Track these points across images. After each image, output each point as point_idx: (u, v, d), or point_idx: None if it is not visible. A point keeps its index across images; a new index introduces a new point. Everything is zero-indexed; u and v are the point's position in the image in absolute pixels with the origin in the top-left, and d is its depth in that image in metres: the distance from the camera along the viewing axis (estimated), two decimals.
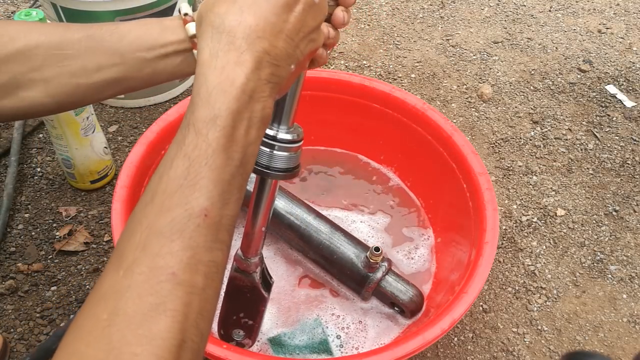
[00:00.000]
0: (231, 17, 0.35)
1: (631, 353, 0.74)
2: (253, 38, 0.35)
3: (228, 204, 0.34)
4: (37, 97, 0.41)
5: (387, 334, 0.71)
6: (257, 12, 0.35)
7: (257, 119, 0.35)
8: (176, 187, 0.32)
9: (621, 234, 0.87)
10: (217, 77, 0.34)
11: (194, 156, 0.33)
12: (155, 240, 0.31)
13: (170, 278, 0.30)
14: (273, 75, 0.36)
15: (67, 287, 0.75)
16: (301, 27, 0.37)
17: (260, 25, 0.35)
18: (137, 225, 0.32)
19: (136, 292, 0.30)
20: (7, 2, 1.24)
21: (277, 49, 0.36)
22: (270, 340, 0.69)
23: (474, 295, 0.60)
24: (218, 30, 0.35)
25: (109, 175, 0.88)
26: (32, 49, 0.40)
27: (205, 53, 0.35)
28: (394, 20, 1.27)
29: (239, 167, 0.35)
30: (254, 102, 0.35)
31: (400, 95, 0.81)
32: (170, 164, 0.33)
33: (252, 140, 0.35)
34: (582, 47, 1.23)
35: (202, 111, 0.34)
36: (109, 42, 0.41)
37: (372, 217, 0.84)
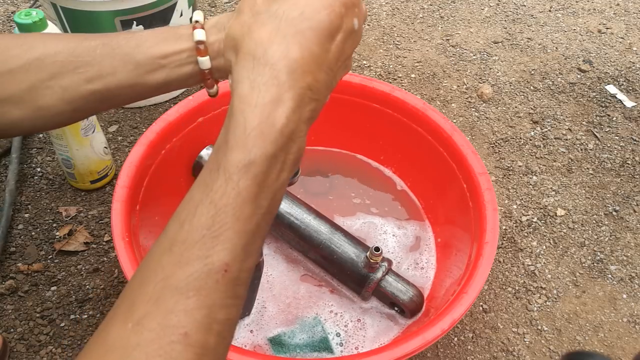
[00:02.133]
0: (275, 48, 0.32)
1: (631, 353, 0.74)
2: (299, 73, 0.32)
3: (249, 257, 0.32)
4: (55, 106, 0.40)
5: (387, 334, 0.71)
6: (302, 43, 0.32)
7: (291, 161, 0.33)
8: (198, 238, 0.30)
9: (621, 234, 0.87)
10: (257, 117, 0.31)
11: (221, 205, 0.30)
12: (170, 295, 0.29)
13: (181, 339, 0.28)
14: (314, 111, 0.34)
15: (67, 287, 0.76)
16: (340, 56, 0.35)
17: (305, 58, 0.32)
18: (152, 275, 0.30)
19: (144, 351, 0.28)
20: (7, 2, 1.24)
21: (319, 83, 0.33)
22: (270, 340, 0.69)
23: (474, 295, 0.60)
24: (260, 61, 0.32)
25: (109, 175, 0.88)
26: (50, 57, 0.39)
27: (245, 86, 0.32)
28: (394, 20, 1.27)
29: (265, 215, 0.32)
30: (291, 143, 0.32)
31: (400, 95, 0.81)
32: (194, 210, 0.31)
33: (282, 184, 0.33)
34: (582, 47, 1.23)
35: (236, 154, 0.31)
36: (124, 49, 0.40)
37: (372, 217, 0.84)
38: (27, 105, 0.40)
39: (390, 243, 0.81)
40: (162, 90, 0.43)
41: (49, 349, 0.69)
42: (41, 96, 0.40)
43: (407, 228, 0.83)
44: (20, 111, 0.40)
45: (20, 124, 0.41)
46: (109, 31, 0.86)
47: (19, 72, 0.39)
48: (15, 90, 0.39)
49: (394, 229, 0.82)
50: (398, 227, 0.82)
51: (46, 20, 0.70)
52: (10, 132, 0.42)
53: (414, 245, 0.81)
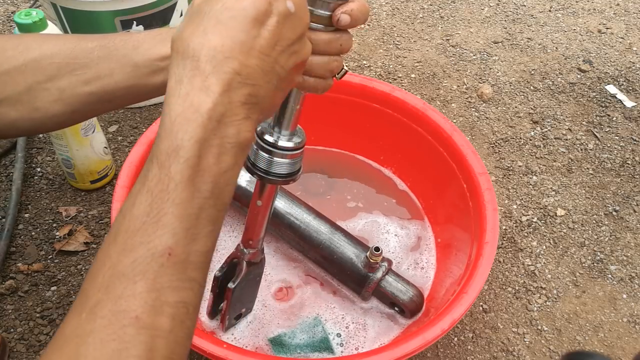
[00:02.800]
0: (195, 40, 0.33)
1: (631, 353, 0.74)
2: (219, 59, 0.32)
3: (197, 240, 0.32)
4: (52, 107, 0.40)
5: (387, 334, 0.71)
6: (222, 32, 0.32)
7: (231, 145, 0.33)
8: (139, 225, 0.31)
9: (621, 234, 0.87)
10: (180, 106, 0.32)
11: (157, 191, 0.31)
12: (118, 282, 0.30)
13: (133, 322, 0.29)
14: (250, 95, 0.33)
15: (67, 287, 0.76)
16: (277, 41, 0.34)
17: (226, 45, 0.32)
18: (101, 266, 0.31)
19: (98, 337, 0.29)
20: (7, 2, 1.24)
21: (250, 68, 0.33)
22: (270, 341, 0.69)
23: (474, 295, 0.60)
24: (183, 55, 0.33)
25: (109, 175, 0.88)
26: (47, 59, 0.39)
27: (172, 81, 0.33)
28: (394, 20, 1.27)
29: (208, 199, 0.32)
30: (224, 127, 0.32)
31: (400, 95, 0.81)
32: (133, 200, 0.32)
33: (227, 168, 0.33)
34: (582, 47, 1.23)
35: (164, 143, 0.32)
36: (122, 51, 0.41)
37: (375, 216, 0.84)
38: (24, 106, 0.40)
39: (392, 243, 0.81)
40: (162, 91, 0.42)
41: None
42: (38, 98, 0.40)
43: (409, 228, 0.82)
44: (17, 112, 0.40)
45: (17, 125, 0.41)
46: (109, 31, 0.86)
47: (16, 73, 0.39)
48: (12, 92, 0.39)
49: (397, 228, 0.82)
50: (401, 227, 0.82)
51: (46, 20, 0.70)
52: (8, 133, 0.42)
53: (415, 245, 0.81)
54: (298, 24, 0.36)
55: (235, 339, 0.69)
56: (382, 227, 0.82)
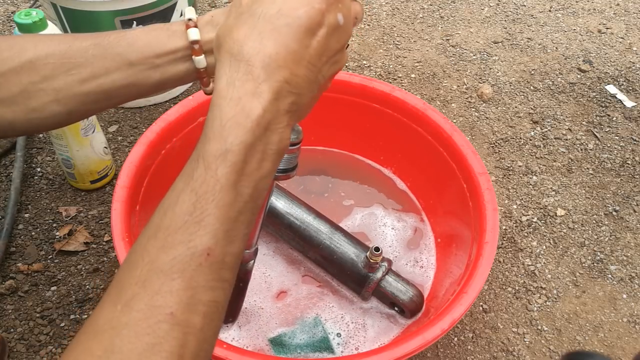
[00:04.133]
0: (250, 44, 0.33)
1: (631, 353, 0.74)
2: (273, 67, 0.33)
3: (233, 242, 0.33)
4: (49, 107, 0.40)
5: (387, 334, 0.71)
6: (277, 39, 0.33)
7: (273, 151, 0.34)
8: (181, 224, 0.31)
9: (621, 234, 0.87)
10: (232, 109, 0.32)
11: (202, 192, 0.32)
12: (156, 277, 0.31)
13: (168, 318, 0.30)
14: (294, 104, 0.34)
15: (67, 287, 0.76)
16: (324, 52, 0.35)
17: (280, 53, 0.33)
18: (139, 260, 0.32)
19: (133, 330, 0.29)
20: (7, 2, 1.24)
21: (299, 77, 0.34)
22: (270, 341, 0.69)
23: (474, 295, 0.60)
24: (236, 58, 0.33)
25: (109, 175, 0.88)
26: (42, 59, 0.40)
27: (222, 82, 0.33)
28: (394, 20, 1.27)
29: (247, 203, 0.33)
30: (270, 133, 0.33)
31: (400, 95, 0.81)
32: (176, 198, 0.32)
33: (265, 174, 0.34)
34: (582, 47, 1.23)
35: (213, 145, 0.32)
36: (117, 49, 0.41)
37: (373, 209, 0.84)
38: (19, 107, 0.40)
39: (389, 236, 0.81)
40: (158, 89, 0.43)
41: (49, 349, 0.69)
42: (34, 98, 0.40)
43: (406, 221, 0.83)
44: (13, 114, 0.40)
45: (14, 126, 0.41)
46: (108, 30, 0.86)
47: (11, 74, 0.39)
48: (7, 93, 0.39)
49: (394, 221, 0.82)
50: (397, 220, 0.82)
51: (46, 20, 0.70)
52: (5, 134, 0.42)
53: (413, 239, 0.81)
54: (344, 36, 0.37)
55: (235, 339, 0.69)
56: (381, 219, 0.82)
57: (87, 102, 0.41)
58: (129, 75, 0.41)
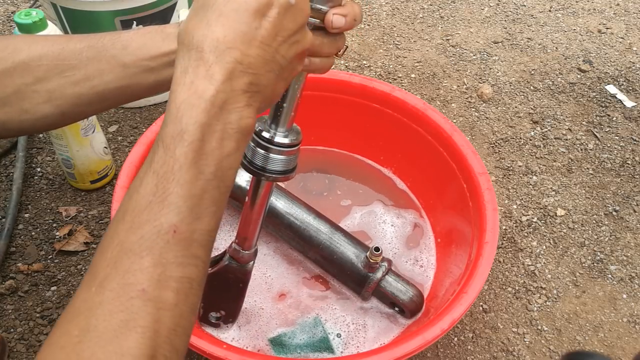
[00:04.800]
0: (199, 32, 0.34)
1: (631, 353, 0.74)
2: (222, 49, 0.34)
3: (201, 219, 0.34)
4: (42, 109, 0.41)
5: (387, 334, 0.71)
6: (225, 23, 0.34)
7: (234, 130, 0.34)
8: (145, 204, 0.32)
9: (621, 234, 0.87)
10: (185, 92, 0.34)
11: (162, 172, 0.33)
12: (126, 257, 0.31)
13: (140, 294, 0.31)
14: (251, 84, 0.35)
15: (67, 287, 0.76)
16: (278, 32, 0.36)
17: (229, 36, 0.34)
18: (109, 243, 0.32)
19: (107, 308, 0.30)
20: (7, 2, 1.24)
21: (251, 57, 0.35)
22: (270, 341, 0.69)
23: (474, 295, 0.60)
24: (188, 47, 0.34)
25: (109, 175, 0.88)
26: (35, 60, 0.40)
27: (177, 71, 0.35)
28: (394, 20, 1.27)
29: (211, 181, 0.34)
30: (226, 113, 0.34)
31: (400, 95, 0.81)
32: (140, 181, 0.33)
33: (229, 152, 0.35)
34: (582, 47, 1.23)
35: (170, 127, 0.33)
36: (111, 52, 0.41)
37: (372, 206, 0.84)
38: (12, 108, 0.40)
39: (388, 233, 0.81)
40: (153, 91, 0.43)
41: None
42: (27, 100, 0.40)
43: (405, 217, 0.83)
44: (6, 115, 0.40)
45: (6, 126, 0.41)
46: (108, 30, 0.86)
47: (4, 76, 0.39)
48: (1, 94, 0.39)
49: (393, 218, 0.82)
50: (397, 216, 0.82)
51: (46, 20, 0.70)
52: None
53: (412, 236, 0.81)
54: (299, 15, 0.37)
55: (235, 340, 0.69)
56: (378, 217, 0.82)
57: (81, 104, 0.42)
58: (123, 78, 0.41)
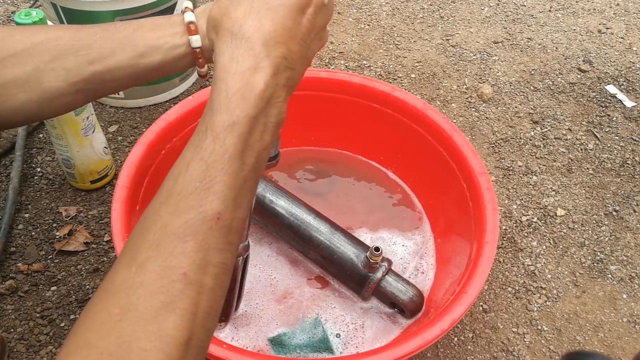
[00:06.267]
0: (249, 23, 0.36)
1: (631, 353, 0.74)
2: (272, 44, 0.35)
3: (240, 208, 0.35)
4: (59, 86, 0.42)
5: (387, 334, 0.71)
6: (274, 18, 0.36)
7: (272, 124, 0.36)
8: (192, 190, 0.33)
9: (621, 234, 0.87)
10: (237, 83, 0.35)
11: (211, 161, 0.34)
12: (169, 240, 0.32)
13: (181, 278, 0.31)
14: (289, 79, 0.37)
15: (67, 287, 0.76)
16: (312, 29, 0.38)
17: (278, 30, 0.36)
18: (152, 224, 0.33)
19: (148, 289, 0.31)
20: (7, 2, 1.24)
21: (293, 53, 0.37)
22: (270, 341, 0.69)
23: (474, 295, 0.60)
24: (237, 36, 0.36)
25: (109, 175, 0.88)
26: (52, 41, 0.42)
27: (225, 58, 0.36)
28: (394, 20, 1.27)
29: (251, 172, 0.35)
30: (270, 107, 0.36)
31: (400, 95, 0.81)
32: (186, 166, 0.34)
33: (266, 145, 0.36)
34: (582, 47, 1.23)
35: (221, 116, 0.34)
36: (123, 33, 0.43)
37: (380, 233, 0.84)
38: (32, 87, 0.41)
39: (399, 253, 0.80)
40: (158, 72, 0.45)
41: (49, 349, 0.69)
42: (45, 78, 0.42)
43: (415, 238, 0.82)
44: (26, 94, 0.41)
45: (25, 108, 0.42)
46: None
47: (23, 55, 0.41)
48: (20, 73, 0.41)
49: (403, 240, 0.81)
50: (407, 238, 0.81)
51: (46, 20, 0.70)
52: (16, 118, 0.43)
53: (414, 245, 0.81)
54: (328, 14, 0.40)
55: (234, 339, 0.69)
56: (390, 239, 0.81)
57: (94, 82, 0.43)
58: (133, 57, 0.43)
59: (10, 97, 0.41)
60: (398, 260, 0.79)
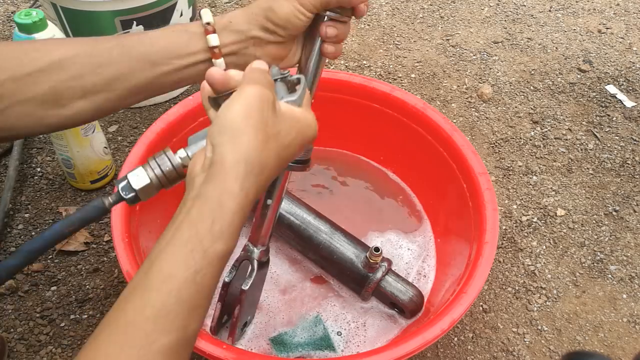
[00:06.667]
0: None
1: (631, 353, 0.74)
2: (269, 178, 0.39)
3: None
4: (77, 104, 0.42)
5: (387, 334, 0.71)
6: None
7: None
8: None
9: (621, 234, 0.87)
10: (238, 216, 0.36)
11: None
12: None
13: None
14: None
15: (67, 287, 0.75)
16: (293, 155, 0.42)
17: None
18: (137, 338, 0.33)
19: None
20: (7, 2, 1.24)
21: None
22: (272, 340, 0.69)
23: (474, 295, 0.60)
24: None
25: (109, 175, 0.88)
26: (69, 59, 0.41)
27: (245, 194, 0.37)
28: (394, 20, 1.27)
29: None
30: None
31: (400, 95, 0.81)
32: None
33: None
34: (582, 47, 1.23)
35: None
36: (139, 49, 0.43)
37: (372, 217, 0.84)
38: (50, 105, 0.41)
39: (405, 257, 0.80)
40: (176, 86, 0.45)
41: (49, 349, 0.69)
42: (64, 96, 0.41)
43: (417, 240, 0.81)
44: (44, 111, 0.41)
45: (44, 122, 0.42)
46: (109, 31, 0.86)
47: (40, 74, 0.40)
48: (38, 91, 0.41)
49: (409, 243, 0.81)
50: (411, 241, 0.81)
51: (46, 20, 0.70)
52: (37, 130, 0.43)
53: (414, 245, 0.81)
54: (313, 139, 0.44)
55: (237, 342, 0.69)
56: (397, 242, 0.81)
57: (114, 99, 0.43)
58: (152, 74, 0.43)
59: (29, 113, 0.41)
60: (404, 264, 0.78)
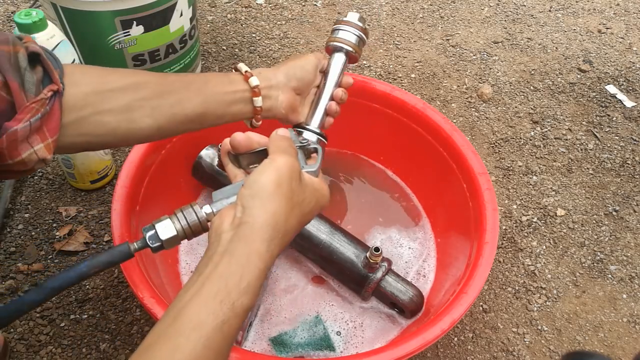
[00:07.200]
0: (293, 226, 0.45)
1: (631, 353, 0.74)
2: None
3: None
4: (144, 121, 0.50)
5: (387, 334, 0.71)
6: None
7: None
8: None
9: (621, 234, 0.87)
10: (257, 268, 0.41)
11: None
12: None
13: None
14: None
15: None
16: (309, 220, 0.48)
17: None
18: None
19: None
20: (7, 2, 1.24)
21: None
22: (272, 340, 0.69)
23: (474, 295, 0.60)
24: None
25: (109, 175, 0.88)
26: (143, 84, 0.50)
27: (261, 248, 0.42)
28: (394, 20, 1.27)
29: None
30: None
31: (400, 95, 0.81)
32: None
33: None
34: (582, 47, 1.23)
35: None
36: (196, 85, 0.53)
37: (371, 217, 0.84)
38: (123, 117, 0.49)
39: (405, 255, 0.80)
40: (221, 120, 0.55)
41: (49, 349, 0.69)
42: (135, 112, 0.49)
43: (418, 239, 0.82)
44: (117, 122, 0.49)
45: (115, 132, 0.49)
46: (109, 31, 0.86)
47: (118, 92, 0.48)
48: (115, 105, 0.48)
49: (409, 242, 0.81)
50: (412, 240, 0.82)
51: (46, 20, 0.70)
52: (106, 139, 0.49)
53: (414, 245, 0.81)
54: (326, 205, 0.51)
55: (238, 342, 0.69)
56: (397, 241, 0.81)
57: (173, 122, 0.52)
58: (204, 105, 0.53)
59: (105, 123, 0.48)
60: (403, 264, 0.78)
